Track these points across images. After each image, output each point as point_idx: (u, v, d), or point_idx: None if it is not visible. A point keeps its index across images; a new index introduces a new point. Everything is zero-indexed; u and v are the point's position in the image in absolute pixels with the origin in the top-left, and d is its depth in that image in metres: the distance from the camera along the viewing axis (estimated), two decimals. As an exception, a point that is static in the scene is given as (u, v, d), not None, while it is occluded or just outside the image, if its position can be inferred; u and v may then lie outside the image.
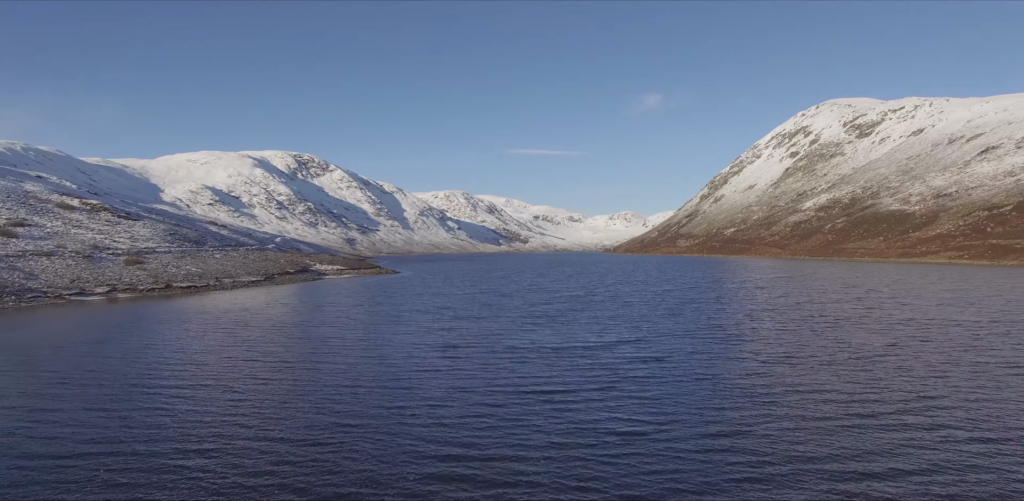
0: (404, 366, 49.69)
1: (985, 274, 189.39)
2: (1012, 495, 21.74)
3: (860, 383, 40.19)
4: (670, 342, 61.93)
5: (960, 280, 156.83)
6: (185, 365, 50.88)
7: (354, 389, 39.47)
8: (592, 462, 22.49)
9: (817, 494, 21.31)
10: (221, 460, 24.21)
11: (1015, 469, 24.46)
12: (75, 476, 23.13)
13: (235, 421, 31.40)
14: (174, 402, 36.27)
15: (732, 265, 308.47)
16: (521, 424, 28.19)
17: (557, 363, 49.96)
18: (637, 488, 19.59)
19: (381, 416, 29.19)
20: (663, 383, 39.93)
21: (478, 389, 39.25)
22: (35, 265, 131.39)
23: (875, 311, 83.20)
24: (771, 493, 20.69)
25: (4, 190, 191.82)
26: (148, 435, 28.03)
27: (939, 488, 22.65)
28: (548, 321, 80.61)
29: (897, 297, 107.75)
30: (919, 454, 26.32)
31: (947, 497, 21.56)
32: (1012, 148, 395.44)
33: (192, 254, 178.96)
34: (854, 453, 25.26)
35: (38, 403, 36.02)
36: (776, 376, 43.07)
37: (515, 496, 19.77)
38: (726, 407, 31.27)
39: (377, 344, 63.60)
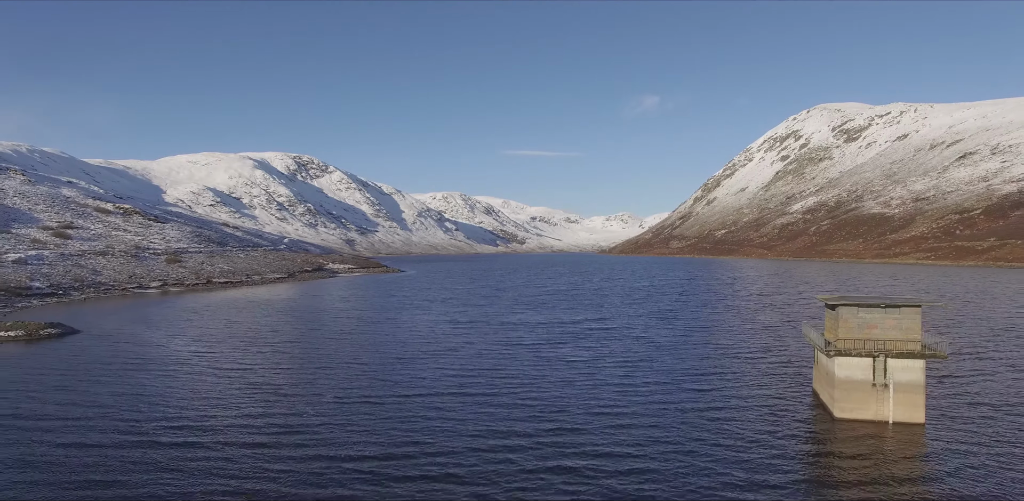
0: (426, 333, 75.46)
1: (927, 272, 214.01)
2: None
3: (719, 341, 65.11)
4: (624, 319, 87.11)
5: (885, 278, 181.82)
6: (283, 329, 75.79)
7: (395, 344, 64.35)
8: (551, 374, 48.43)
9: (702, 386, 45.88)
10: (328, 383, 48.64)
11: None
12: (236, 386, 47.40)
13: (331, 367, 56.51)
14: (296, 350, 60.84)
15: (716, 265, 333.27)
16: (506, 358, 55.57)
17: (536, 330, 75.24)
18: (575, 380, 45.54)
19: (419, 358, 56.35)
20: (607, 340, 66.13)
21: (478, 344, 64.90)
22: (95, 263, 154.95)
23: (765, 297, 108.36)
24: (671, 397, 45.26)
25: (48, 196, 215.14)
26: (269, 369, 52.32)
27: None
28: (535, 307, 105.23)
29: (779, 291, 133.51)
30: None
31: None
32: (988, 154, 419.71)
33: (220, 254, 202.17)
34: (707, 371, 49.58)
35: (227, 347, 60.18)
36: (686, 337, 68.37)
37: (503, 388, 45.56)
38: (638, 350, 58.68)
39: (402, 321, 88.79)
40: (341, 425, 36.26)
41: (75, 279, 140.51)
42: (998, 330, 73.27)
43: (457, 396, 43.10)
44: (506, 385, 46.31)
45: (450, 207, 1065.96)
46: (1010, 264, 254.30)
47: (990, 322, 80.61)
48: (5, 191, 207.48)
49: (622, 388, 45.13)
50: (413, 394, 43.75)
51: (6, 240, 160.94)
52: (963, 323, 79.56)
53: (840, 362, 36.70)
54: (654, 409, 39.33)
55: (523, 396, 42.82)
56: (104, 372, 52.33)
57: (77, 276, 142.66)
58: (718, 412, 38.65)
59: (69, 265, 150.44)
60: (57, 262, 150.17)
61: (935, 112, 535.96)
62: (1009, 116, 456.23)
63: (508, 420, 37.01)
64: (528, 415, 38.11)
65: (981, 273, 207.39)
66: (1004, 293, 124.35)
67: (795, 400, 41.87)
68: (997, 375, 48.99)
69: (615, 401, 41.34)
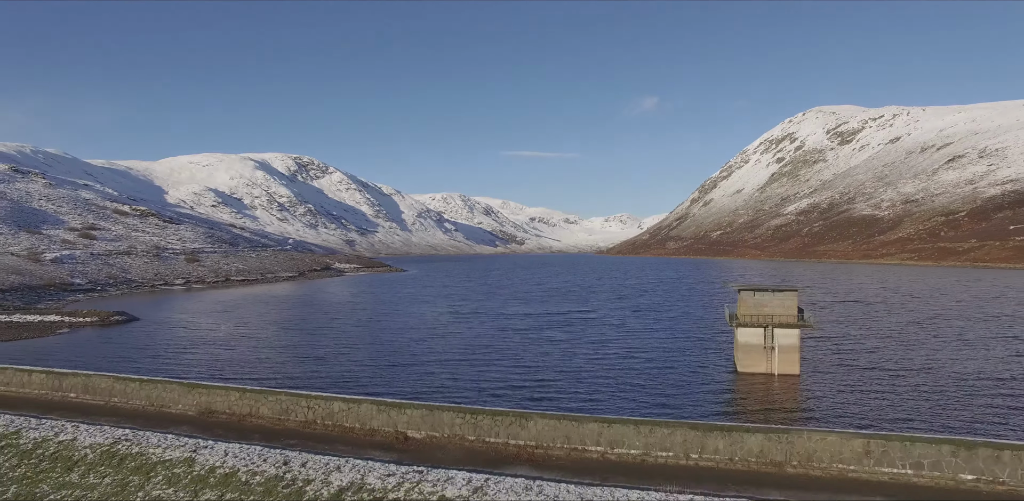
0: (432, 321, 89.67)
1: (905, 272, 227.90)
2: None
3: (679, 327, 79.34)
4: (605, 311, 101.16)
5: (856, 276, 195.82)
6: (310, 318, 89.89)
7: (408, 328, 78.30)
8: (534, 348, 63.41)
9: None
10: (358, 354, 62.89)
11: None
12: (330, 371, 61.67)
13: (357, 345, 70.78)
14: (327, 334, 74.95)
15: (708, 266, 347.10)
16: (499, 339, 70.16)
17: (526, 319, 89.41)
18: (552, 352, 60.73)
19: (429, 339, 71.54)
20: (586, 327, 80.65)
21: (477, 329, 78.86)
22: (123, 262, 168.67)
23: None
24: (624, 363, 59.61)
25: (70, 199, 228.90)
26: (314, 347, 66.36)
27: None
28: (528, 301, 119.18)
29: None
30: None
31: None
32: (975, 157, 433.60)
33: (233, 254, 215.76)
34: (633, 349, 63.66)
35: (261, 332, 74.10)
36: (654, 324, 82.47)
37: (496, 357, 60.52)
38: (610, 334, 73.09)
39: (411, 312, 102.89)
40: (375, 379, 49.89)
41: (109, 276, 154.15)
42: (881, 313, 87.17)
43: (461, 362, 56.90)
44: (499, 355, 60.06)
45: (449, 208, 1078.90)
46: (985, 264, 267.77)
47: (885, 307, 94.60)
48: (31, 194, 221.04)
49: (588, 357, 58.91)
50: (428, 361, 57.54)
51: (40, 240, 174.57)
52: (866, 306, 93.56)
53: (741, 331, 50.41)
54: (609, 369, 53.10)
55: (511, 362, 56.61)
56: (179, 347, 66.15)
57: (110, 274, 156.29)
58: (658, 370, 52.43)
59: (100, 264, 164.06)
60: (89, 261, 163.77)
61: (927, 115, 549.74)
62: (997, 120, 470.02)
63: (500, 374, 50.78)
64: (514, 372, 51.85)
65: (946, 272, 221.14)
66: (923, 289, 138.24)
67: (717, 361, 55.70)
68: (861, 341, 63.00)
69: (580, 366, 55.14)
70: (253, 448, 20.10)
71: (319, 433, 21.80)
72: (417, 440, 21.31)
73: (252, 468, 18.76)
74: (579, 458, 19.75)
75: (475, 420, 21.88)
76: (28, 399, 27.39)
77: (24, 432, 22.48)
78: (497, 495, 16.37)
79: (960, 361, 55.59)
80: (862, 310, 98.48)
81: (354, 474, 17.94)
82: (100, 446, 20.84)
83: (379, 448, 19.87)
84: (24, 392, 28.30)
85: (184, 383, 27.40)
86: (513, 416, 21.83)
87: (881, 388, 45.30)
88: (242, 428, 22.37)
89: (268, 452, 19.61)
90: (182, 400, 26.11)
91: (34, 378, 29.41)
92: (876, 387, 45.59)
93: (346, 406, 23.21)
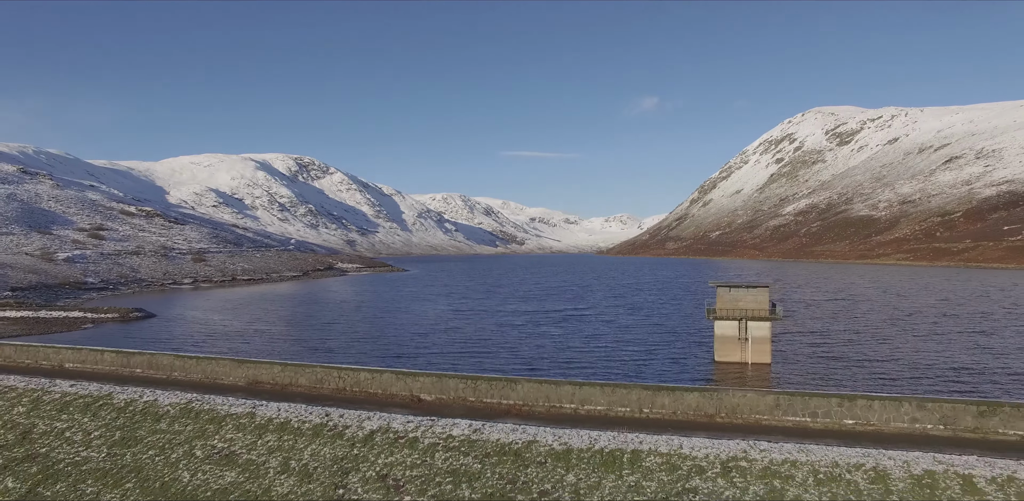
0: (435, 317, 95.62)
1: (899, 272, 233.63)
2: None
3: (667, 323, 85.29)
4: (600, 309, 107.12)
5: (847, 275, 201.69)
6: (318, 315, 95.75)
7: (412, 324, 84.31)
8: (530, 341, 69.91)
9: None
10: (366, 347, 69.03)
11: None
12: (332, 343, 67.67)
13: (365, 339, 76.88)
14: (336, 328, 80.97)
15: (705, 266, 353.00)
16: (497, 333, 76.78)
17: (524, 316, 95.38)
18: (546, 345, 67.21)
19: (432, 333, 77.27)
20: (580, 323, 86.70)
21: (477, 324, 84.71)
22: (132, 262, 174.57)
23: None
24: (613, 354, 65.74)
25: (77, 200, 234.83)
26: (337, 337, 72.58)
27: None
28: (526, 300, 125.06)
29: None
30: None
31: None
32: (972, 158, 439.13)
33: (238, 254, 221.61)
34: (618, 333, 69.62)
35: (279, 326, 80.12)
36: (644, 320, 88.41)
37: (494, 348, 67.00)
38: (602, 329, 79.67)
39: (414, 309, 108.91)
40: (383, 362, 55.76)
41: (119, 276, 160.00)
42: (863, 310, 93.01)
43: (462, 353, 62.49)
44: (497, 348, 65.70)
45: (450, 208, 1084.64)
46: (979, 264, 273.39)
47: (869, 305, 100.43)
48: (40, 195, 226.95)
49: (579, 350, 64.55)
50: (431, 353, 63.17)
51: (51, 241, 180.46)
52: (851, 304, 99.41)
53: (718, 324, 56.12)
54: (598, 359, 58.76)
55: (508, 353, 62.30)
56: (197, 340, 71.82)
57: (120, 273, 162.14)
58: (643, 360, 58.11)
59: (110, 264, 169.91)
60: (100, 261, 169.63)
61: (925, 116, 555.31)
62: (994, 121, 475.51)
63: (497, 364, 56.47)
64: (510, 363, 57.60)
65: (939, 272, 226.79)
66: (911, 288, 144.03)
67: (698, 352, 61.47)
68: (836, 335, 68.69)
69: (571, 357, 60.71)
70: (299, 406, 25.60)
71: (349, 397, 27.22)
72: (428, 401, 26.79)
73: (301, 418, 24.25)
74: (557, 413, 25.23)
75: (475, 385, 27.44)
76: (101, 374, 32.85)
77: (115, 395, 27.96)
78: (491, 434, 21.88)
79: (922, 353, 61.29)
80: (846, 307, 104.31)
81: (381, 422, 23.45)
82: (177, 404, 26.31)
83: (398, 407, 25.26)
84: (98, 368, 33.74)
85: (234, 359, 32.96)
86: (504, 381, 27.41)
87: (842, 376, 50.88)
88: (285, 394, 27.79)
89: (311, 408, 25.17)
90: (233, 373, 31.57)
91: (106, 356, 34.95)
92: (838, 375, 51.14)
93: (370, 375, 28.73)
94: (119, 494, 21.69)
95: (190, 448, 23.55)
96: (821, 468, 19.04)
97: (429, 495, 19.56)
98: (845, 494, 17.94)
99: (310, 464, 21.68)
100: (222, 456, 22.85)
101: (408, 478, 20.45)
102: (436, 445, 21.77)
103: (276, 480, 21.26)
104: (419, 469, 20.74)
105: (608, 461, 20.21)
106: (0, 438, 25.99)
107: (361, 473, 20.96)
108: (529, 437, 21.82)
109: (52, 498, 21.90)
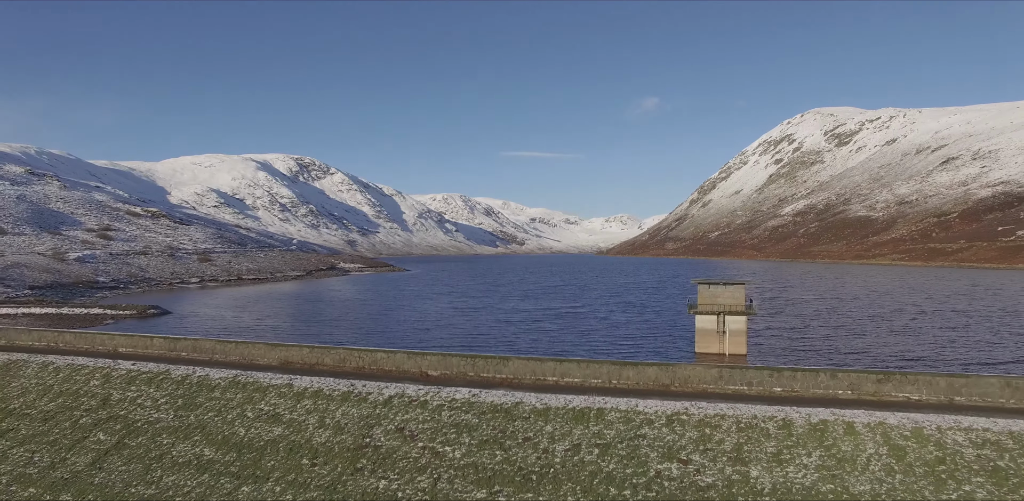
0: (436, 314, 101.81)
1: (892, 272, 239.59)
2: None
3: (658, 320, 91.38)
4: (595, 307, 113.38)
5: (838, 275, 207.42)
6: (326, 312, 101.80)
7: (416, 320, 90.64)
8: (527, 336, 76.52)
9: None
10: (375, 341, 75.12)
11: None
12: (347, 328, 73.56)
13: (372, 334, 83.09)
14: (344, 324, 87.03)
15: (703, 266, 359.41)
16: (496, 328, 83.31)
17: (521, 313, 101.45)
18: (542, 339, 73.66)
19: (435, 328, 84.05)
20: (575, 319, 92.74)
21: (476, 320, 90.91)
22: (140, 261, 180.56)
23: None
24: (605, 348, 71.76)
25: (85, 201, 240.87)
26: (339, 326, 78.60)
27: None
28: (524, 298, 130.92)
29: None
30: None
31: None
32: (968, 159, 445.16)
33: (242, 254, 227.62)
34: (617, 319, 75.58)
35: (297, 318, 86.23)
36: (637, 317, 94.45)
37: (492, 342, 73.59)
38: (596, 325, 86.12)
39: (417, 307, 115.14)
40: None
41: (129, 275, 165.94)
42: (848, 307, 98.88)
43: (462, 347, 68.44)
44: (495, 341, 71.71)
45: (450, 208, 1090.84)
46: (971, 264, 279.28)
47: (855, 303, 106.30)
48: (48, 197, 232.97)
49: (571, 343, 70.50)
50: (433, 347, 69.23)
51: (62, 241, 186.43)
52: (838, 302, 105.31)
53: (699, 318, 61.93)
54: (588, 352, 64.68)
55: (505, 347, 68.25)
56: (213, 336, 77.74)
57: (130, 273, 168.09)
58: (629, 351, 64.00)
59: (119, 263, 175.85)
60: (109, 260, 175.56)
61: (923, 117, 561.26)
62: (991, 122, 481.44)
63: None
64: (506, 353, 63.54)
65: (932, 272, 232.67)
66: (900, 288, 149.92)
67: (682, 345, 67.38)
68: (815, 330, 74.57)
69: (564, 350, 66.63)
70: (328, 379, 31.26)
71: (367, 374, 32.75)
72: (435, 376, 32.34)
73: (331, 388, 29.87)
74: (541, 384, 30.79)
75: (473, 362, 33.08)
76: (152, 357, 38.44)
77: (172, 371, 33.58)
78: (486, 398, 27.55)
79: (889, 346, 67.21)
80: (832, 305, 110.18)
81: (397, 389, 29.08)
82: (226, 378, 31.90)
83: (410, 380, 30.80)
84: (148, 352, 39.34)
85: (268, 343, 38.62)
86: (498, 358, 33.09)
87: (812, 365, 56.85)
88: (313, 372, 33.32)
89: (339, 381, 30.80)
90: (267, 355, 37.11)
91: (155, 341, 40.55)
92: (807, 365, 57.13)
93: (386, 355, 34.37)
94: (190, 444, 27.40)
95: (242, 410, 29.20)
96: (743, 419, 24.68)
97: (437, 441, 25.25)
98: (758, 437, 23.60)
99: (341, 421, 27.34)
100: (269, 416, 28.49)
101: (420, 430, 26.11)
102: (442, 406, 27.44)
103: (315, 433, 26.95)
104: (429, 423, 26.42)
105: (578, 416, 25.85)
106: (85, 404, 31.71)
107: (383, 426, 26.65)
108: (517, 399, 27.48)
109: (137, 446, 27.59)
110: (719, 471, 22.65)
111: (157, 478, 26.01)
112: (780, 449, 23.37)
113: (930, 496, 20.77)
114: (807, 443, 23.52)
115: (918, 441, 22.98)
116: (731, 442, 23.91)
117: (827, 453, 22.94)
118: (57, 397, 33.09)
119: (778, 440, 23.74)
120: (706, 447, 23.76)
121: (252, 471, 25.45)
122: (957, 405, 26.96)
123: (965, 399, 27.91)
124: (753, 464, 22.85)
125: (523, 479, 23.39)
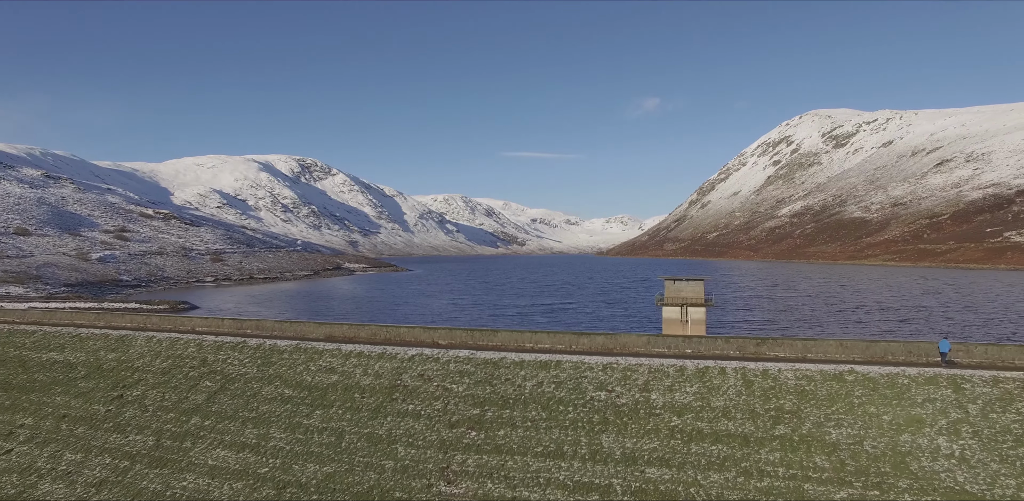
0: (438, 310, 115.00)
1: (880, 272, 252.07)
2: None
3: (640, 314, 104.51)
4: (586, 303, 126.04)
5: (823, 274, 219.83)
6: (337, 308, 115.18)
7: (419, 314, 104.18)
8: (522, 325, 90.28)
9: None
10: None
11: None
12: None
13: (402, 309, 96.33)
14: (354, 318, 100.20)
15: (700, 266, 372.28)
16: (491, 322, 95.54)
17: (517, 308, 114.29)
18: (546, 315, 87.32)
19: (438, 322, 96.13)
20: (564, 314, 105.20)
21: (475, 314, 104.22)
22: (157, 261, 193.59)
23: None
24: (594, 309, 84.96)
25: (100, 203, 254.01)
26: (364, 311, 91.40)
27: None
28: (521, 295, 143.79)
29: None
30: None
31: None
32: (962, 161, 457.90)
33: (251, 254, 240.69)
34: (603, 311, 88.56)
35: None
36: (621, 312, 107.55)
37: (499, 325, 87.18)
38: (582, 319, 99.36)
39: (420, 303, 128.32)
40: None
41: (148, 274, 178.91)
42: (819, 304, 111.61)
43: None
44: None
45: (451, 209, 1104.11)
46: (958, 265, 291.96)
47: (826, 300, 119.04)
48: (65, 199, 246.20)
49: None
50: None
51: (83, 242, 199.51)
52: (811, 299, 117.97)
53: (665, 309, 74.57)
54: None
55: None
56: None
57: (149, 272, 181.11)
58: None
59: (138, 263, 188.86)
60: (128, 260, 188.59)
61: (919, 119, 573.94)
62: (985, 125, 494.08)
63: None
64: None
65: (918, 272, 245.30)
66: (878, 287, 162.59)
67: (652, 332, 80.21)
68: (776, 323, 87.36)
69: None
70: (366, 345, 43.75)
71: (394, 342, 45.13)
72: (443, 344, 44.73)
73: (369, 350, 42.32)
74: (521, 348, 43.16)
75: (472, 333, 45.65)
76: (225, 333, 50.79)
77: (247, 341, 46.12)
78: (481, 355, 40.04)
79: (836, 336, 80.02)
80: (804, 302, 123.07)
81: (417, 351, 41.57)
82: (290, 346, 44.41)
83: (426, 346, 43.17)
84: (220, 330, 51.77)
85: (315, 322, 51.15)
86: (490, 331, 45.63)
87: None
88: (353, 342, 45.72)
89: (374, 347, 43.27)
90: (315, 331, 49.50)
91: (225, 322, 53.08)
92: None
93: (407, 329, 46.95)
94: (273, 387, 39.85)
95: (307, 366, 41.58)
96: (654, 367, 37.07)
97: (447, 382, 37.69)
98: (660, 377, 36.01)
99: (379, 371, 39.73)
100: (326, 369, 40.91)
101: (435, 375, 38.54)
102: (450, 361, 39.85)
103: (361, 378, 39.33)
104: (441, 371, 38.85)
105: (543, 365, 38.24)
106: (189, 363, 44.21)
107: (408, 373, 39.08)
108: (502, 356, 39.90)
109: (236, 389, 40.04)
110: (632, 397, 35.04)
111: (255, 407, 38.43)
112: (673, 383, 35.78)
113: (758, 407, 33.25)
114: (692, 380, 35.91)
115: (763, 378, 35.41)
116: (642, 380, 36.28)
117: (703, 385, 35.32)
118: (167, 359, 45.54)
119: (673, 379, 36.09)
120: (625, 383, 36.14)
121: (320, 402, 37.89)
122: (807, 359, 39.41)
123: (813, 354, 40.53)
124: (654, 392, 35.24)
125: (503, 402, 35.83)
